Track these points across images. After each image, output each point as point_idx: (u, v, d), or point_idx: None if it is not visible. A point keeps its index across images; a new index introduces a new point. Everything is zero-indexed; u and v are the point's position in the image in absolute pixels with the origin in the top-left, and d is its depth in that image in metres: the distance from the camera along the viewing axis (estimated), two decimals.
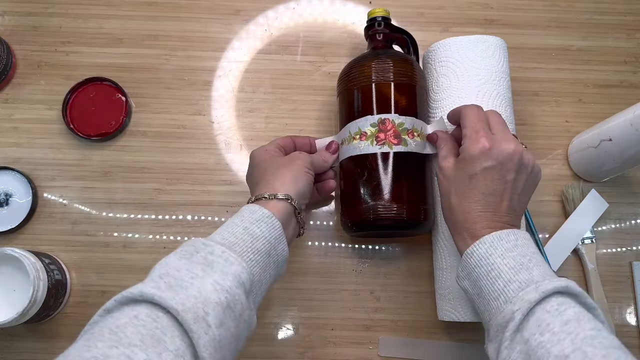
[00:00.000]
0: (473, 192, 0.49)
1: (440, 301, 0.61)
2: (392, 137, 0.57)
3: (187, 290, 0.41)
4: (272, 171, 0.55)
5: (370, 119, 0.58)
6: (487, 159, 0.49)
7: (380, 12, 0.64)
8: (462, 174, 0.50)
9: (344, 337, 0.64)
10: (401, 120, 0.58)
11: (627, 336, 0.64)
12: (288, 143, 0.61)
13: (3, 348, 0.62)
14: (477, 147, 0.49)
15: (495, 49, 0.62)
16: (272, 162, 0.57)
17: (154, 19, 0.72)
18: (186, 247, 0.46)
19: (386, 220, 0.57)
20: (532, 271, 0.44)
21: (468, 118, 0.52)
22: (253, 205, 0.51)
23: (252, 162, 0.59)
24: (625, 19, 0.74)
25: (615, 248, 0.67)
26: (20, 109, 0.69)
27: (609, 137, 0.61)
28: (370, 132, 0.58)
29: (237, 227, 0.49)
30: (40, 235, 0.66)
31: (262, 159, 0.58)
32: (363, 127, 0.58)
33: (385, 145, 0.57)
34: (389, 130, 0.58)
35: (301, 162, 0.57)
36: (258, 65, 0.72)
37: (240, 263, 0.45)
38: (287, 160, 0.57)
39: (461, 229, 0.49)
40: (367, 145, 0.58)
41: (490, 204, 0.49)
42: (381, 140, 0.58)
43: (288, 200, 0.52)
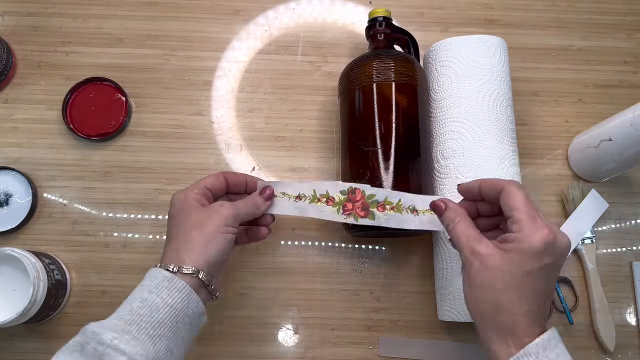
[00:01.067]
0: (526, 292, 0.42)
1: (440, 301, 0.61)
2: (359, 209, 0.55)
3: None
4: (183, 232, 0.50)
5: (340, 186, 0.55)
6: (548, 255, 0.42)
7: (382, 12, 0.64)
8: (515, 269, 0.42)
9: (344, 337, 0.64)
10: (372, 192, 0.55)
11: (627, 336, 0.64)
12: (219, 185, 0.54)
13: (3, 348, 0.62)
14: (541, 238, 0.42)
15: (496, 49, 0.62)
16: (187, 217, 0.50)
17: (154, 19, 0.72)
18: (79, 336, 0.43)
19: None
20: None
21: (519, 199, 0.44)
22: (154, 270, 0.48)
23: (170, 211, 0.52)
24: (625, 19, 0.75)
25: (615, 248, 0.67)
26: (20, 109, 0.69)
27: (609, 137, 0.61)
28: (338, 198, 0.55)
29: (135, 300, 0.46)
30: (40, 235, 0.65)
31: (179, 209, 0.51)
32: (331, 192, 0.55)
33: (351, 217, 0.55)
34: (357, 201, 0.55)
35: (218, 220, 0.50)
36: (258, 65, 0.72)
37: (134, 349, 0.42)
38: (203, 217, 0.50)
39: (506, 333, 0.42)
40: (332, 212, 0.55)
41: (541, 304, 0.43)
42: (347, 210, 0.55)
43: (195, 275, 0.47)
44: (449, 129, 0.60)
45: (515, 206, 0.44)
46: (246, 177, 0.57)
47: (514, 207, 0.44)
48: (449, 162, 0.60)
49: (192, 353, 0.62)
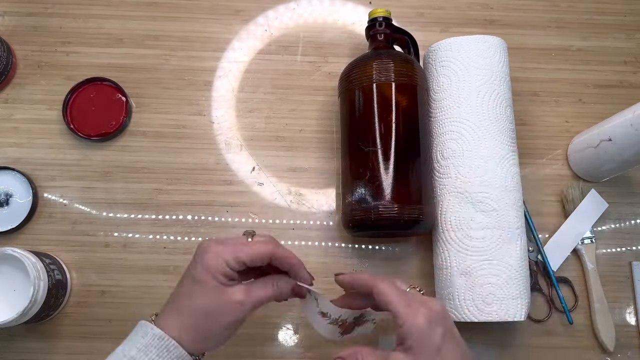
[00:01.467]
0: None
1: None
2: None
3: None
4: (196, 312, 0.46)
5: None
6: (436, 324, 0.44)
7: (382, 13, 0.65)
8: (427, 354, 0.44)
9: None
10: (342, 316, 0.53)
11: (627, 336, 0.64)
12: (260, 258, 0.47)
13: (3, 348, 0.62)
14: (422, 317, 0.44)
15: (496, 49, 0.62)
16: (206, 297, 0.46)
17: (154, 19, 0.72)
18: None
19: (387, 220, 0.57)
20: None
21: (389, 293, 0.46)
22: (147, 325, 0.46)
23: (190, 270, 0.48)
24: (625, 19, 0.75)
25: (615, 248, 0.67)
26: (21, 109, 0.69)
27: (609, 137, 0.61)
28: None
29: (125, 358, 0.44)
30: (40, 235, 0.66)
31: (200, 279, 0.46)
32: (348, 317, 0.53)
33: None
34: None
35: (237, 316, 0.47)
36: (258, 65, 0.72)
37: None
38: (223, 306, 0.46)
39: None
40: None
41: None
42: None
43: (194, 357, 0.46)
44: (449, 129, 0.60)
45: (389, 300, 0.46)
46: (292, 259, 0.49)
47: (388, 301, 0.46)
48: (449, 162, 0.60)
49: None
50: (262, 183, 0.68)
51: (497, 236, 0.57)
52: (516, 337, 0.64)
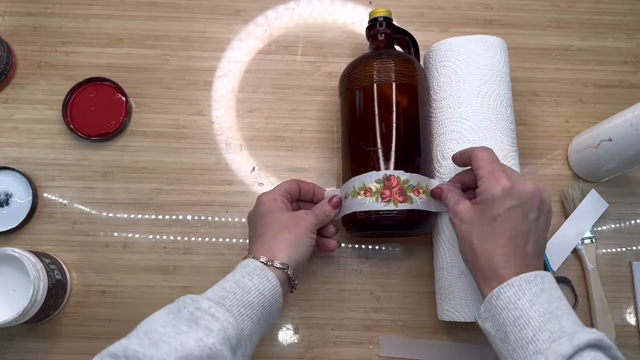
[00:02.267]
0: (498, 235, 0.47)
1: (440, 301, 0.61)
2: (397, 195, 0.56)
3: (170, 344, 0.41)
4: (275, 231, 0.54)
5: (375, 175, 0.56)
6: (510, 198, 0.47)
7: (382, 13, 0.64)
8: (484, 216, 0.48)
9: (344, 337, 0.64)
10: (407, 177, 0.56)
11: (627, 336, 0.64)
12: (294, 189, 0.59)
13: (3, 348, 0.62)
14: (499, 186, 0.48)
15: (496, 49, 0.62)
16: (277, 219, 0.55)
17: (154, 19, 0.72)
18: (176, 303, 0.46)
19: (387, 221, 0.57)
20: (562, 320, 0.43)
21: (481, 159, 0.51)
22: (246, 260, 0.52)
23: (258, 210, 0.57)
24: (625, 19, 0.75)
25: (615, 248, 0.67)
26: (21, 109, 0.69)
27: (609, 137, 0.61)
28: (375, 188, 0.56)
29: (229, 282, 0.49)
30: (40, 235, 0.66)
31: (268, 209, 0.56)
32: (368, 182, 0.57)
33: (390, 203, 0.56)
34: (394, 187, 0.56)
35: (306, 226, 0.55)
36: (258, 65, 0.72)
37: (227, 318, 0.45)
38: (291, 222, 0.55)
39: (486, 274, 0.47)
40: (373, 202, 0.56)
41: (517, 246, 0.47)
42: (386, 197, 0.56)
43: (284, 270, 0.52)
44: (449, 129, 0.60)
45: (478, 165, 0.51)
46: (314, 187, 0.61)
47: (477, 166, 0.51)
48: (449, 162, 0.60)
49: None
50: (262, 183, 0.68)
51: None
52: None
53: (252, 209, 0.58)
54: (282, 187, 0.59)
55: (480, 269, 0.48)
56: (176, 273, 0.65)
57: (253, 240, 0.56)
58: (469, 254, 0.50)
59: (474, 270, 0.50)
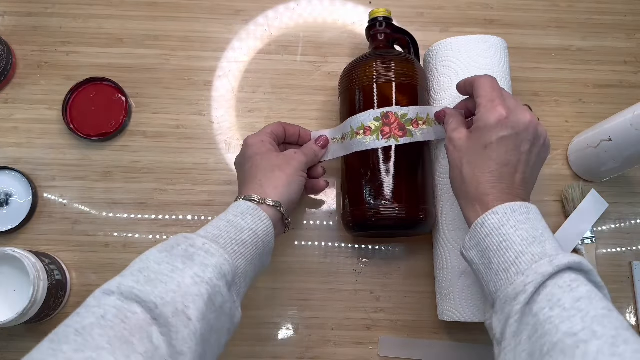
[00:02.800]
0: (487, 162, 0.47)
1: (440, 301, 0.61)
2: (397, 130, 0.57)
3: (167, 284, 0.41)
4: (266, 171, 0.54)
5: (372, 113, 0.57)
6: (503, 128, 0.47)
7: (382, 13, 0.64)
8: (476, 144, 0.48)
9: (344, 337, 0.64)
10: (404, 112, 0.57)
11: None
12: (280, 131, 0.60)
13: (3, 348, 0.62)
14: (494, 115, 0.47)
15: (497, 49, 0.62)
16: (267, 159, 0.56)
17: (154, 19, 0.72)
18: (168, 241, 0.46)
19: (388, 220, 0.57)
20: (545, 244, 0.43)
21: (482, 87, 0.50)
22: (237, 201, 0.52)
23: (246, 152, 0.57)
24: (625, 19, 0.75)
25: (615, 248, 0.67)
26: (20, 109, 0.69)
27: (609, 137, 0.61)
28: (374, 126, 0.57)
29: (221, 221, 0.49)
30: (40, 235, 0.65)
31: (256, 151, 0.56)
32: (366, 121, 0.58)
33: (391, 139, 0.57)
34: (393, 123, 0.57)
35: (296, 164, 0.56)
36: (258, 65, 0.72)
37: (222, 255, 0.45)
38: (282, 161, 0.56)
39: (473, 200, 0.48)
40: (374, 140, 0.57)
41: (505, 175, 0.47)
42: (387, 134, 0.57)
43: (277, 208, 0.52)
44: None
45: (479, 93, 0.50)
46: (300, 129, 0.62)
47: (477, 94, 0.50)
48: None
49: None
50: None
51: None
52: None
53: (238, 153, 0.59)
54: (268, 129, 0.59)
55: (467, 195, 0.48)
56: None
57: (243, 183, 0.56)
58: (457, 180, 0.50)
59: (460, 197, 0.50)
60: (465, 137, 0.50)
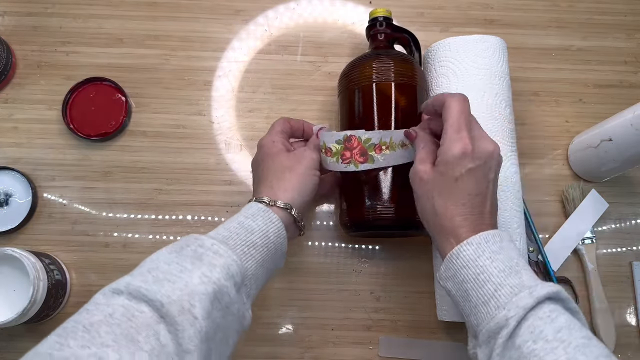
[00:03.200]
0: (459, 195, 0.47)
1: (440, 301, 0.61)
2: (358, 155, 0.56)
3: (175, 283, 0.41)
4: (277, 173, 0.54)
5: (336, 136, 0.56)
6: (470, 160, 0.47)
7: (382, 12, 0.64)
8: (446, 177, 0.48)
9: (344, 337, 0.64)
10: (368, 136, 0.55)
11: (627, 336, 0.64)
12: (287, 127, 0.59)
13: (3, 348, 0.62)
14: (459, 147, 0.47)
15: (496, 49, 0.62)
16: (279, 161, 0.55)
17: (154, 19, 0.72)
18: (179, 242, 0.46)
19: (385, 220, 0.57)
20: (522, 274, 0.44)
21: (451, 112, 0.48)
22: (249, 203, 0.52)
23: (259, 154, 0.57)
24: (625, 19, 0.75)
25: (615, 248, 0.67)
26: (20, 109, 0.69)
27: (609, 137, 0.61)
28: (335, 149, 0.56)
29: (232, 222, 0.49)
30: (40, 235, 0.65)
31: (268, 153, 0.56)
32: (328, 142, 0.57)
33: (351, 164, 0.56)
34: (354, 148, 0.56)
35: (307, 163, 0.55)
36: (258, 65, 0.72)
37: (230, 255, 0.45)
38: (292, 161, 0.55)
39: (447, 233, 0.47)
40: (334, 162, 0.57)
41: (476, 205, 0.47)
42: (347, 159, 0.56)
43: (288, 210, 0.52)
44: None
45: (447, 118, 0.48)
46: (304, 122, 0.61)
47: (446, 119, 0.49)
48: None
49: None
50: None
51: None
52: None
53: (255, 155, 0.59)
54: (277, 128, 0.58)
55: (441, 229, 0.48)
56: None
57: (257, 185, 0.56)
58: (428, 212, 0.49)
59: (433, 229, 0.49)
60: (432, 170, 0.49)
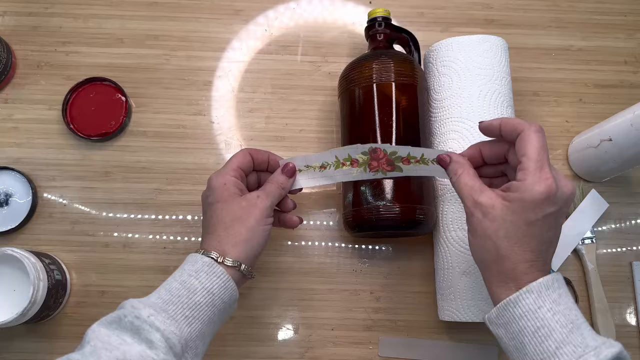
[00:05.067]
0: (530, 241, 0.43)
1: (440, 301, 0.61)
2: (385, 165, 0.55)
3: (111, 352, 0.41)
4: (226, 224, 0.51)
5: (361, 148, 0.55)
6: (551, 204, 0.43)
7: (381, 13, 0.64)
8: (519, 218, 0.43)
9: (344, 337, 0.64)
10: (394, 150, 0.55)
11: (627, 336, 0.64)
12: (247, 163, 0.55)
13: (3, 348, 0.62)
14: (544, 188, 0.42)
15: (497, 49, 0.62)
16: (229, 209, 0.51)
17: (154, 19, 0.72)
18: (117, 311, 0.45)
19: (388, 221, 0.57)
20: (583, 331, 0.41)
21: (532, 145, 0.43)
22: (195, 255, 0.50)
23: (209, 197, 0.53)
24: (625, 19, 0.75)
25: (616, 248, 0.67)
26: (20, 109, 0.69)
27: (609, 137, 0.61)
28: (362, 159, 0.56)
29: (175, 282, 0.48)
30: (40, 235, 0.65)
31: (220, 197, 0.52)
32: (354, 154, 0.56)
33: (379, 172, 0.55)
34: (381, 159, 0.55)
35: (258, 213, 0.52)
36: (258, 65, 0.72)
37: (169, 327, 0.44)
38: (243, 211, 0.51)
39: (507, 278, 0.44)
40: (360, 172, 0.56)
41: (543, 252, 0.44)
42: (374, 167, 0.55)
43: (236, 268, 0.50)
44: (450, 128, 0.60)
45: (527, 152, 0.44)
46: (269, 154, 0.57)
47: (525, 153, 0.44)
48: None
49: None
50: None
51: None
52: None
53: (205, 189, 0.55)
54: (235, 164, 0.54)
55: (500, 272, 0.44)
56: None
57: (205, 231, 0.53)
58: (490, 253, 0.44)
59: (488, 270, 0.45)
60: (501, 205, 0.44)
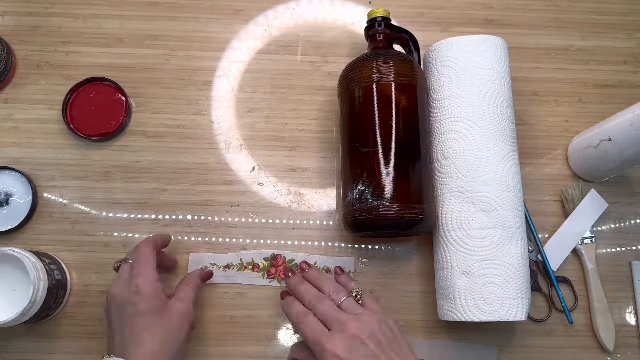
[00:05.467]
0: None
1: (440, 301, 0.61)
2: (281, 273, 0.63)
3: None
4: (163, 338, 0.51)
5: (264, 253, 0.64)
6: (355, 349, 0.48)
7: (381, 13, 0.64)
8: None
9: None
10: (292, 257, 0.64)
11: (627, 336, 0.64)
12: (157, 261, 0.57)
13: (3, 348, 0.62)
14: (341, 346, 0.48)
15: (497, 49, 0.62)
16: (163, 320, 0.52)
17: (154, 19, 0.72)
18: None
19: (388, 221, 0.57)
20: None
21: (305, 327, 0.51)
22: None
23: (141, 304, 0.52)
24: (625, 19, 0.75)
25: (615, 248, 0.67)
26: (21, 109, 0.69)
27: (609, 137, 0.61)
28: (262, 265, 0.63)
29: None
30: (40, 235, 0.65)
31: (153, 307, 0.52)
32: (257, 259, 0.64)
33: (274, 280, 0.63)
34: (279, 266, 0.63)
35: (188, 325, 0.54)
36: (258, 65, 0.72)
37: None
38: (177, 324, 0.53)
39: None
40: (259, 278, 0.63)
41: None
42: (272, 275, 0.63)
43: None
44: (450, 128, 0.60)
45: (300, 334, 0.51)
46: (166, 239, 0.61)
47: (305, 336, 0.51)
48: (450, 161, 0.60)
49: (192, 353, 0.62)
50: (262, 183, 0.68)
51: (497, 236, 0.57)
52: (516, 337, 0.64)
53: (110, 303, 0.54)
54: (153, 264, 0.55)
55: None
56: (176, 273, 0.65)
57: (129, 342, 0.51)
58: None
59: None
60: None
